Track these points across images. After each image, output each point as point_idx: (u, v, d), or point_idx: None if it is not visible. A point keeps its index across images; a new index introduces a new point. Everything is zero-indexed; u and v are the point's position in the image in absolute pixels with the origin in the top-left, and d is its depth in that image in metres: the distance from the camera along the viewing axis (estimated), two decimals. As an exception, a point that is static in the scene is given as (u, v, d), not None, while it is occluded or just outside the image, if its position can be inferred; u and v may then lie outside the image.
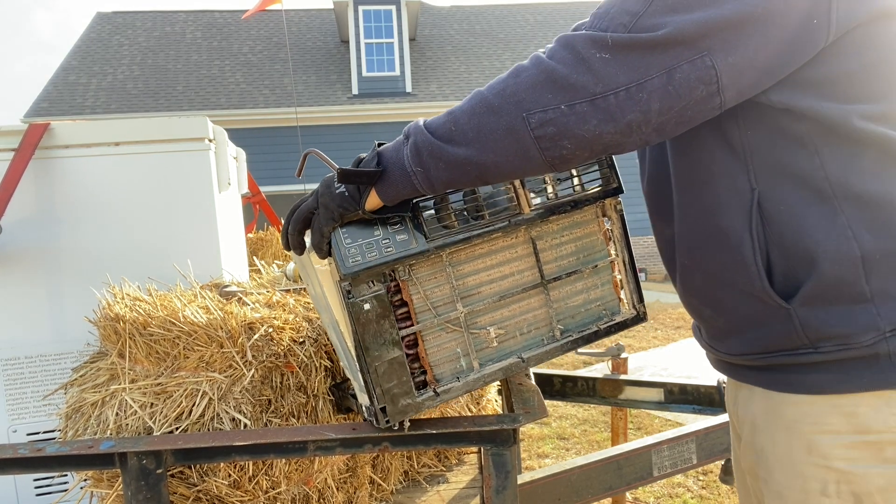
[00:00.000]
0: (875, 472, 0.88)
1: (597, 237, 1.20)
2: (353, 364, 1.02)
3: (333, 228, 0.98)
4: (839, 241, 0.85)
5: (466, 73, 14.01)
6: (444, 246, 1.03)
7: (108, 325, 1.26)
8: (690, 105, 0.82)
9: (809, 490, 0.93)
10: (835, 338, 0.88)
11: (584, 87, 0.81)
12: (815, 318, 0.89)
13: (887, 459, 0.87)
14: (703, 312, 1.05)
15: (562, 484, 1.58)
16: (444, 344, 1.06)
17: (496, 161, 0.87)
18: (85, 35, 14.60)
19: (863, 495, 0.89)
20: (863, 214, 0.85)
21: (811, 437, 0.92)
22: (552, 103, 0.82)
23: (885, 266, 0.85)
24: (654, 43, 0.80)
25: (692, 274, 1.03)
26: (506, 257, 1.11)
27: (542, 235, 1.14)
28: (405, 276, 1.02)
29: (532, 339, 1.13)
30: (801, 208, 0.87)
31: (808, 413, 0.92)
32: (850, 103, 0.85)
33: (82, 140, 1.63)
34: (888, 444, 0.87)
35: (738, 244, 0.93)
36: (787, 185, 0.88)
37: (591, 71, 0.81)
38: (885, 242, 0.84)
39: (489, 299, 1.08)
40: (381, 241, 1.00)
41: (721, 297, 0.99)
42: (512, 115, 0.84)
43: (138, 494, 1.01)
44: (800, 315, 0.90)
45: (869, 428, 0.88)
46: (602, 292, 1.21)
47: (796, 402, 0.93)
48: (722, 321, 1.01)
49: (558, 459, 3.79)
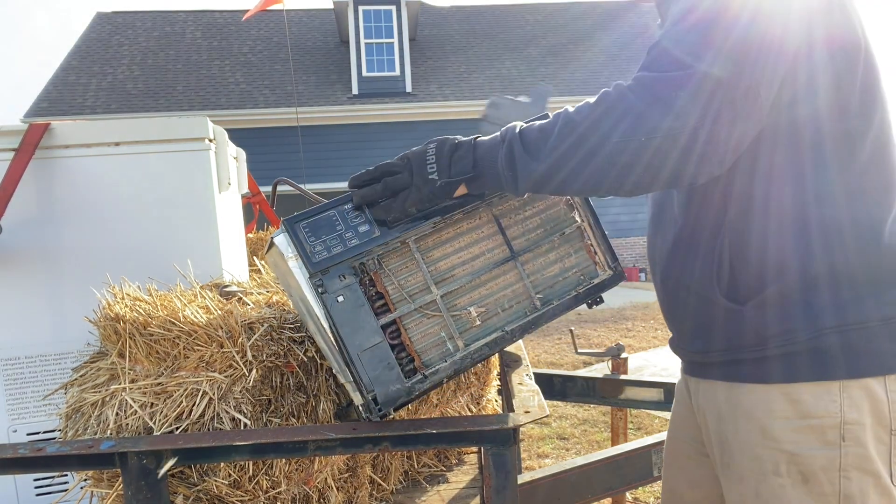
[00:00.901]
0: (819, 453, 0.99)
1: (559, 207, 1.25)
2: (342, 363, 1.03)
3: (414, 210, 1.06)
4: (792, 258, 0.98)
5: (466, 73, 14.01)
6: (407, 232, 1.06)
7: (108, 325, 1.26)
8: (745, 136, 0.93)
9: (765, 471, 1.04)
10: (780, 335, 1.00)
11: (659, 117, 0.88)
12: (765, 319, 1.01)
13: (828, 442, 0.99)
14: (675, 314, 1.19)
15: (562, 484, 1.59)
16: (428, 330, 1.08)
17: (574, 181, 0.96)
18: (85, 35, 14.60)
19: (809, 474, 1.00)
20: (813, 236, 0.98)
21: (764, 423, 1.03)
22: (628, 130, 0.89)
23: (825, 279, 0.98)
24: (716, 76, 0.87)
25: (668, 279, 1.17)
26: (473, 238, 1.15)
27: (505, 213, 1.18)
28: (376, 267, 1.05)
29: (514, 313, 1.16)
30: (769, 227, 1.00)
31: (762, 400, 1.04)
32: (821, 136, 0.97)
33: (82, 140, 1.63)
34: (828, 427, 0.98)
35: (704, 253, 1.07)
36: (754, 209, 1.00)
37: (669, 108, 0.87)
38: (826, 259, 0.97)
39: (464, 280, 1.11)
40: (343, 235, 1.03)
41: (688, 301, 1.12)
42: (592, 140, 0.92)
43: (138, 494, 1.01)
44: (753, 316, 1.02)
45: (812, 413, 0.99)
46: (577, 259, 1.24)
47: (752, 391, 1.05)
48: (689, 323, 1.15)
49: (558, 459, 3.79)
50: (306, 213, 1.04)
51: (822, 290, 0.99)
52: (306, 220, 1.02)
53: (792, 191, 0.98)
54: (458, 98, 13.16)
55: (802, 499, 1.01)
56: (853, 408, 0.98)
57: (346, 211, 1.05)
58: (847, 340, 0.97)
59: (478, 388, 1.68)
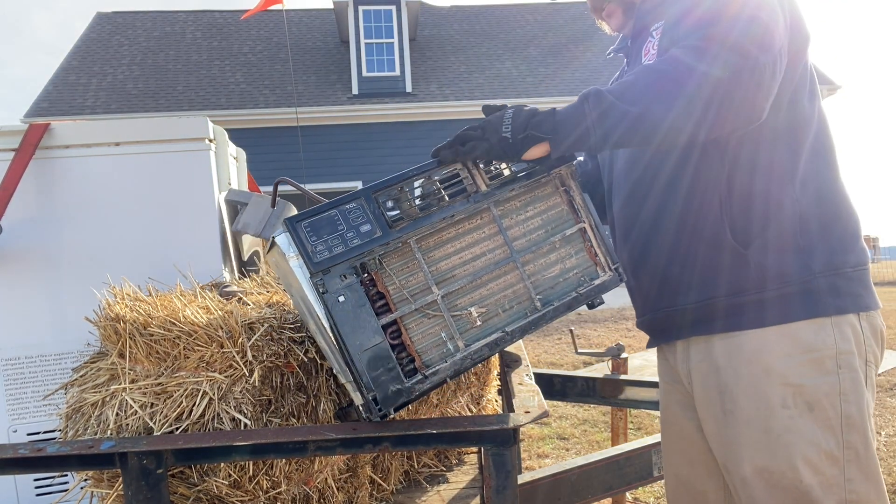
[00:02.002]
0: (821, 381, 1.12)
1: (561, 208, 1.25)
2: (342, 363, 1.03)
3: (478, 161, 1.14)
4: (787, 206, 1.15)
5: (466, 73, 14.00)
6: (408, 232, 1.06)
7: (108, 325, 1.26)
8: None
9: (773, 405, 1.14)
10: (778, 277, 1.14)
11: (749, 55, 1.00)
12: (765, 261, 1.15)
13: (828, 371, 1.13)
14: (669, 271, 1.27)
15: (562, 484, 1.58)
16: (429, 330, 1.08)
17: (665, 117, 1.03)
18: (85, 35, 14.60)
19: (814, 402, 1.12)
20: (804, 190, 1.16)
21: (769, 362, 1.15)
22: (716, 67, 1.00)
23: (814, 225, 1.16)
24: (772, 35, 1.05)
25: (661, 238, 1.27)
26: (474, 238, 1.14)
27: (507, 213, 1.18)
28: (377, 267, 1.05)
29: (515, 313, 1.16)
30: (764, 185, 1.16)
31: (764, 343, 1.15)
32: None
33: (82, 140, 1.63)
34: (826, 358, 1.13)
35: (709, 209, 1.19)
36: (755, 169, 1.17)
37: (752, 47, 1.01)
38: (816, 209, 1.16)
39: (464, 280, 1.11)
40: (345, 234, 1.03)
41: (692, 247, 1.22)
42: (681, 75, 1.01)
43: (139, 494, 1.01)
44: (754, 260, 1.16)
45: (812, 347, 1.13)
46: (578, 260, 1.24)
47: (753, 336, 1.16)
48: (687, 273, 1.24)
49: (558, 459, 3.79)
50: (308, 212, 1.04)
51: (811, 235, 1.15)
52: (308, 219, 1.02)
53: (786, 148, 1.17)
54: (458, 98, 13.15)
55: (809, 426, 1.11)
56: (844, 339, 1.13)
57: (348, 210, 1.05)
58: (832, 283, 1.14)
59: (478, 388, 1.68)
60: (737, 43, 1.01)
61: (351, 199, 1.06)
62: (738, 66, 1.00)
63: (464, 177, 1.14)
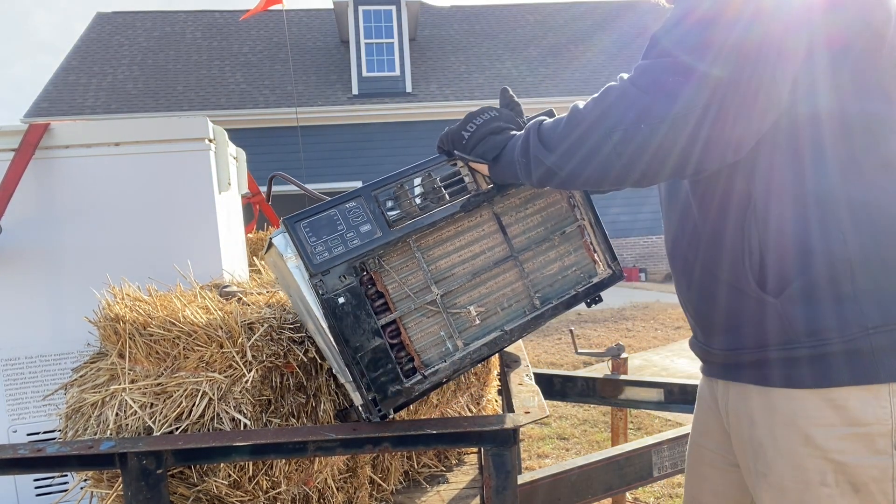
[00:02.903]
0: (869, 462, 0.93)
1: (560, 205, 1.24)
2: (341, 364, 1.03)
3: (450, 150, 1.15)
4: (830, 243, 0.91)
5: (466, 73, 14.00)
6: (408, 232, 1.06)
7: (108, 325, 1.26)
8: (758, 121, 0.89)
9: (810, 481, 0.97)
10: (817, 332, 0.93)
11: (663, 107, 0.87)
12: (800, 314, 0.94)
13: (879, 451, 0.92)
14: (700, 308, 1.12)
15: (562, 484, 1.58)
16: (428, 329, 1.07)
17: (581, 172, 0.97)
18: (85, 35, 14.60)
19: (859, 485, 0.94)
20: (852, 219, 0.91)
21: (808, 431, 0.96)
22: (633, 122, 0.89)
23: (870, 267, 0.91)
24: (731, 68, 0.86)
25: (693, 269, 1.10)
26: (474, 237, 1.14)
27: (506, 211, 1.18)
28: (376, 266, 1.04)
29: (513, 312, 1.15)
30: (796, 212, 0.94)
31: (802, 407, 0.96)
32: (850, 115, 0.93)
33: (82, 140, 1.63)
34: (878, 435, 0.92)
35: (732, 242, 1.00)
36: (784, 192, 0.95)
37: (669, 93, 0.87)
38: (871, 246, 0.91)
39: (463, 279, 1.11)
40: (345, 235, 1.02)
41: (715, 292, 1.05)
42: (597, 132, 0.93)
43: (138, 494, 1.01)
44: (786, 310, 0.95)
45: (859, 420, 0.93)
46: (576, 258, 1.24)
47: (791, 396, 0.98)
48: (717, 317, 1.08)
49: (558, 459, 3.79)
50: (307, 211, 1.03)
51: (863, 280, 0.91)
52: (307, 219, 1.02)
53: (814, 174, 0.92)
54: (458, 98, 13.15)
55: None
56: None
57: (348, 210, 1.04)
58: (892, 340, 0.91)
59: (478, 388, 1.68)
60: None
61: (350, 198, 1.05)
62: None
63: (464, 174, 1.13)
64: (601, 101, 0.95)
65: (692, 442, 1.32)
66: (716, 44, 0.86)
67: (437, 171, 1.14)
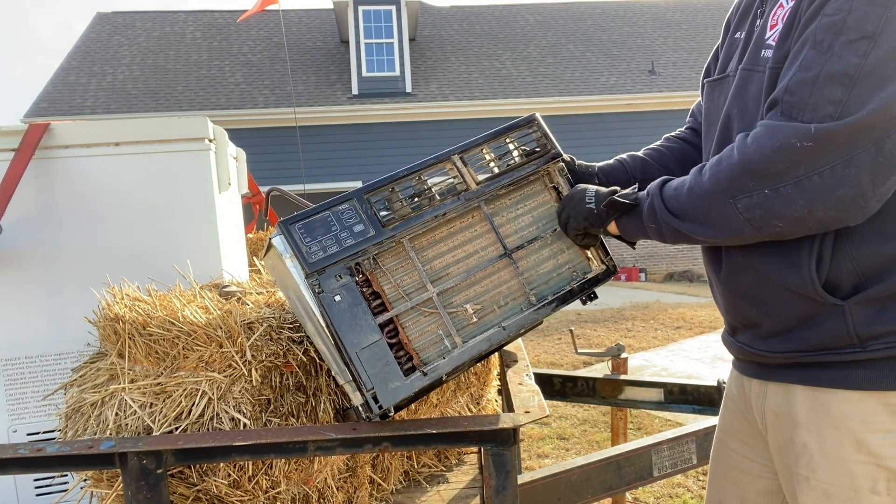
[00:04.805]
0: None
1: (551, 205, 1.27)
2: (341, 363, 1.03)
3: (577, 234, 1.20)
4: None
5: (466, 73, 14.00)
6: (401, 231, 1.08)
7: (107, 325, 1.26)
8: None
9: (859, 488, 0.93)
10: (884, 336, 0.91)
11: (787, 171, 0.87)
12: (868, 317, 0.92)
13: None
14: (748, 313, 1.08)
15: (562, 484, 1.58)
16: (426, 328, 1.09)
17: (715, 235, 1.00)
18: (85, 35, 14.60)
19: None
20: None
21: (861, 435, 0.93)
22: (756, 189, 0.90)
23: None
24: (861, 123, 0.83)
25: (742, 274, 1.07)
26: (467, 237, 1.17)
27: (498, 211, 1.21)
28: (372, 267, 1.06)
29: (510, 309, 1.17)
30: (879, 221, 0.92)
31: (857, 410, 0.93)
32: None
33: (82, 140, 1.62)
34: None
35: (796, 248, 0.97)
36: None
37: (793, 157, 0.87)
38: None
39: (459, 278, 1.13)
40: (339, 235, 1.05)
41: (771, 298, 1.02)
42: (721, 202, 0.95)
43: (138, 494, 1.01)
44: (853, 313, 0.93)
45: None
46: (570, 255, 1.26)
47: (845, 398, 0.94)
48: (769, 322, 1.04)
49: (558, 459, 3.79)
50: (302, 214, 1.05)
51: None
52: (301, 221, 1.03)
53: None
54: (458, 98, 13.15)
55: None
56: None
57: (341, 212, 1.06)
58: None
59: (478, 388, 1.68)
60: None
61: (343, 201, 1.08)
62: None
63: (453, 175, 1.15)
64: (718, 167, 0.97)
65: (718, 441, 1.28)
66: (860, 95, 0.85)
67: (429, 173, 1.15)
